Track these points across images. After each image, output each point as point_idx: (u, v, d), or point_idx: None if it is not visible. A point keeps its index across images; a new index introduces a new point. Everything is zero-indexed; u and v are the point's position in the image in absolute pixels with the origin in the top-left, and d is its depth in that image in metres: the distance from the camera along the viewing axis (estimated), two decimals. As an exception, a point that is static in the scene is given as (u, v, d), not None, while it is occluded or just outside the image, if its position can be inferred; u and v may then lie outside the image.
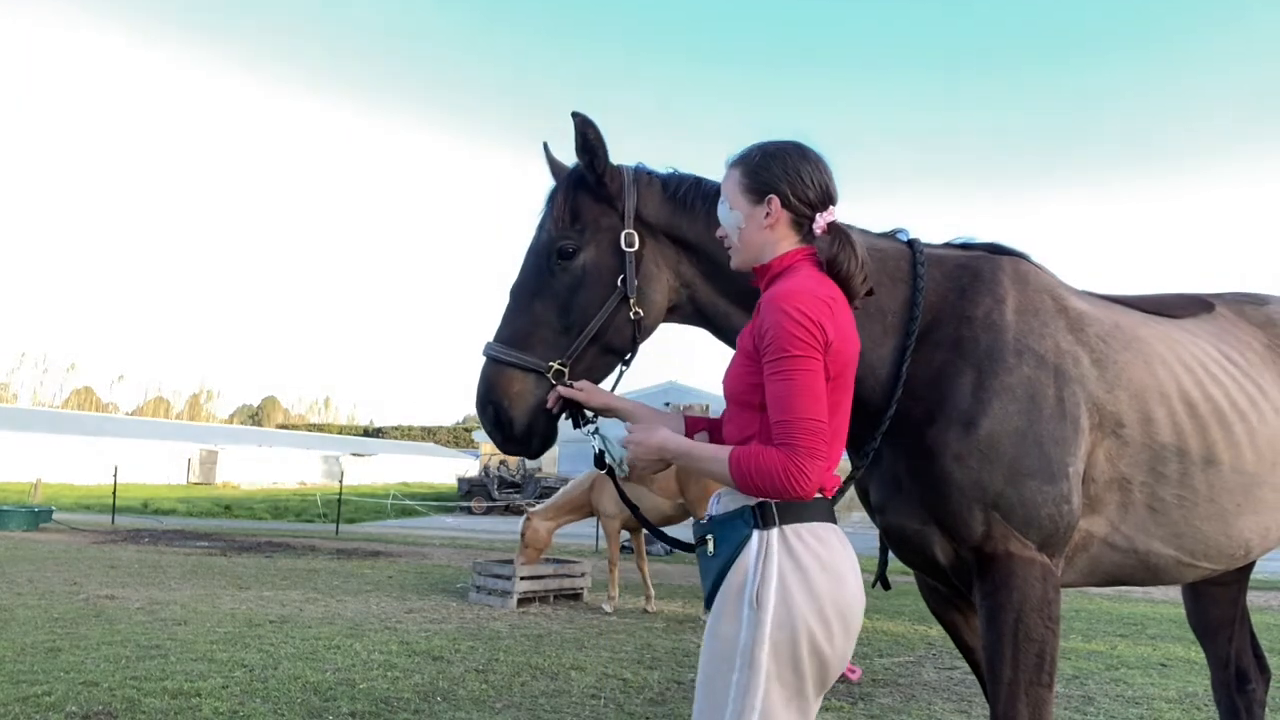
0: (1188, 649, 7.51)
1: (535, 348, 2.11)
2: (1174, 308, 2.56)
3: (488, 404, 2.12)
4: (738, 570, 1.67)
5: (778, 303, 1.68)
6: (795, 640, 1.61)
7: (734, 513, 1.73)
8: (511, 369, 2.10)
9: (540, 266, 2.17)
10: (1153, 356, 2.28)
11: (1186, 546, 2.27)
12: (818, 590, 1.63)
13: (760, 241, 1.84)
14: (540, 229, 2.21)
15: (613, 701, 5.15)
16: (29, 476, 31.94)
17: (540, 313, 2.13)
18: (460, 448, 78.31)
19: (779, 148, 1.86)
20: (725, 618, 1.66)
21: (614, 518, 8.95)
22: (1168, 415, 2.21)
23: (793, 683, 1.62)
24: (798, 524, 1.68)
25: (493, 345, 2.14)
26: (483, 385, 2.13)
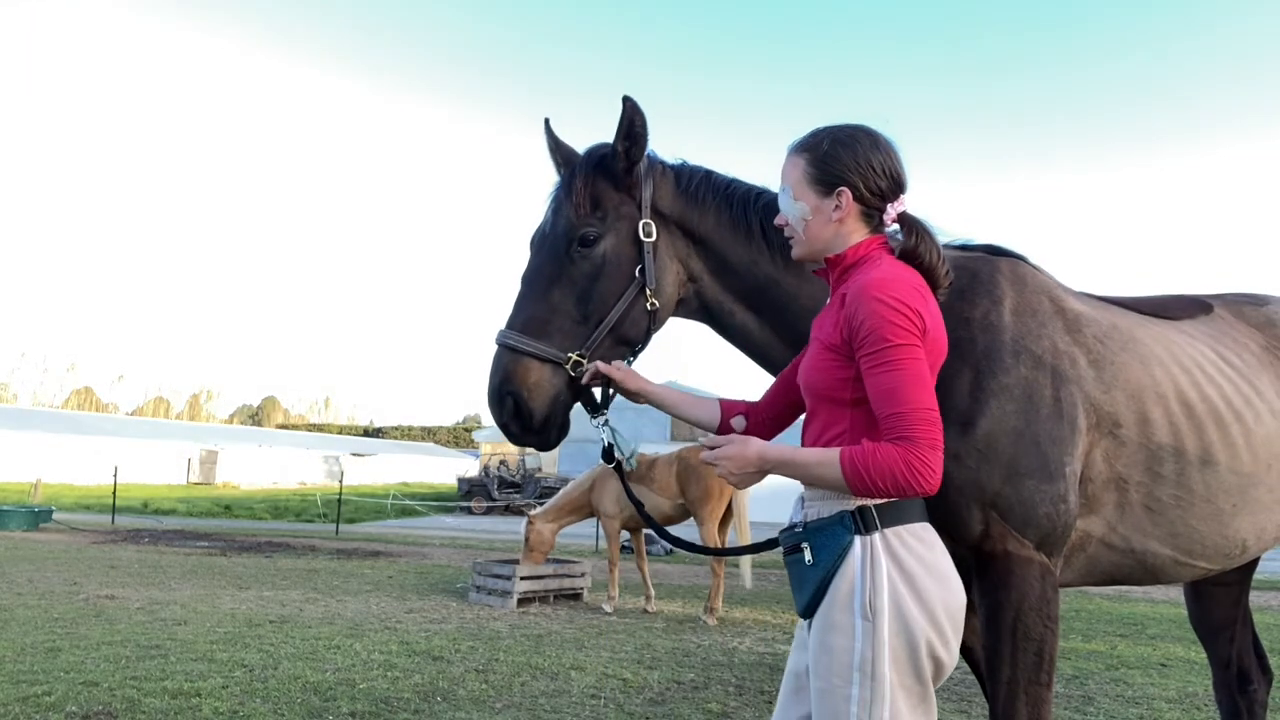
0: (1188, 649, 7.51)
1: (553, 336, 2.05)
2: (1172, 309, 2.57)
3: (505, 395, 2.04)
4: (844, 579, 1.61)
5: (872, 291, 1.61)
6: (914, 647, 1.57)
7: (831, 519, 1.65)
8: (529, 358, 2.04)
9: (558, 253, 2.11)
10: (1149, 357, 2.29)
11: (1183, 546, 2.28)
12: (928, 595, 1.59)
13: (829, 234, 1.79)
14: (556, 214, 2.15)
15: (613, 701, 5.15)
16: (29, 476, 31.96)
17: (558, 301, 2.08)
18: (460, 448, 78.32)
19: (850, 135, 1.78)
20: (835, 630, 1.60)
21: (614, 518, 8.95)
22: (1164, 416, 2.23)
23: (916, 689, 1.59)
24: (899, 526, 1.62)
25: (508, 333, 2.07)
26: (498, 375, 2.05)
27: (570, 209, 2.11)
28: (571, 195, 2.12)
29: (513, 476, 29.44)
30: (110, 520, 19.18)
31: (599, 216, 2.11)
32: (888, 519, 1.62)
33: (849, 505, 1.64)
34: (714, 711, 5.02)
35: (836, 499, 1.66)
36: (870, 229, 1.79)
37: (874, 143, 1.77)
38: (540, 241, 2.17)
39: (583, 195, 2.11)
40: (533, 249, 2.19)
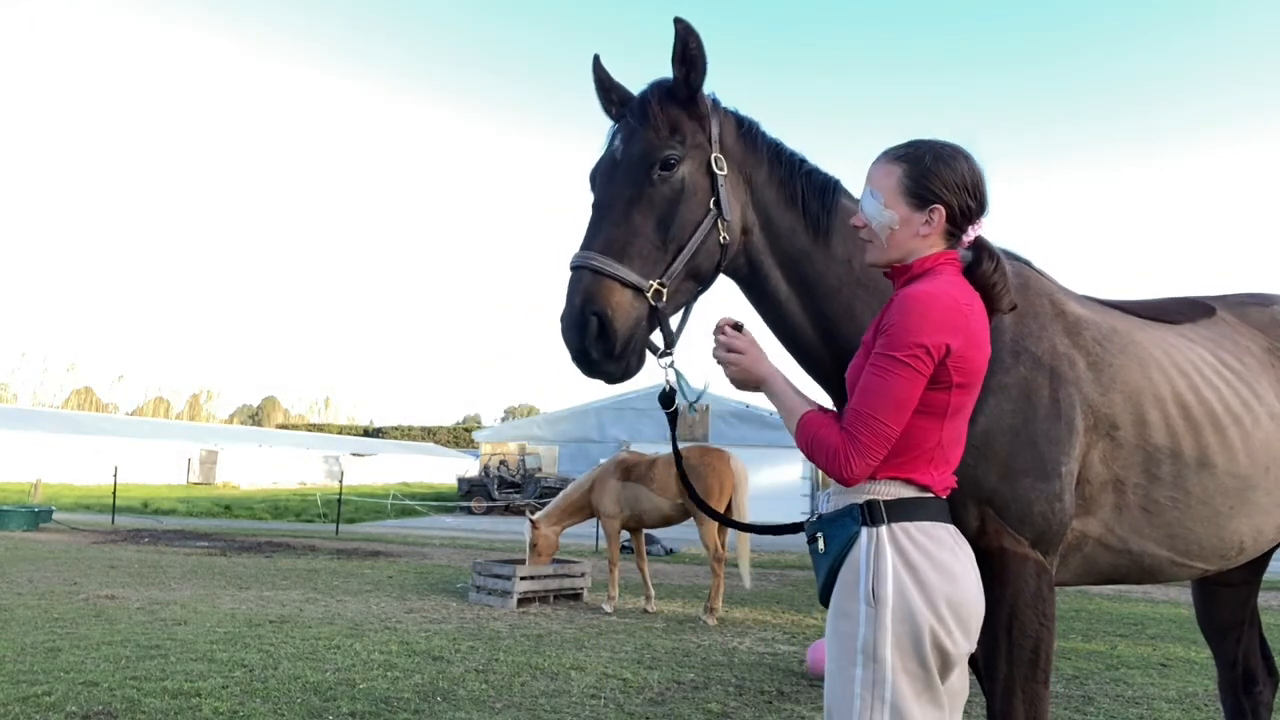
0: (1188, 649, 7.51)
1: (634, 260, 1.96)
2: (1172, 313, 2.59)
3: (589, 315, 1.90)
4: (850, 567, 1.70)
5: (910, 303, 1.67)
6: (918, 635, 1.63)
7: (842, 510, 1.75)
8: (612, 280, 1.93)
9: (638, 175, 2.01)
10: (1148, 360, 2.31)
11: (1180, 547, 2.30)
12: (931, 587, 1.65)
13: (911, 247, 1.81)
14: (630, 139, 2.06)
15: (613, 701, 5.15)
16: (29, 476, 31.94)
17: (639, 224, 1.99)
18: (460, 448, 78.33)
19: (951, 154, 1.80)
20: (843, 616, 1.70)
21: (614, 518, 8.95)
22: (1162, 418, 2.25)
23: (920, 675, 1.65)
24: (907, 522, 1.70)
25: (587, 254, 1.95)
26: (579, 296, 1.92)
27: (650, 132, 2.03)
28: (648, 118, 2.04)
29: (513, 476, 29.44)
30: (110, 520, 19.17)
31: (678, 140, 2.04)
32: (896, 514, 1.70)
33: (859, 499, 1.72)
34: (714, 711, 5.02)
35: (851, 494, 1.74)
36: (946, 245, 1.83)
37: (970, 165, 1.81)
38: (611, 168, 2.07)
39: (660, 119, 2.04)
40: (601, 178, 2.10)
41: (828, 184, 2.21)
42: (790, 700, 5.36)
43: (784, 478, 28.87)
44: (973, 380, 1.73)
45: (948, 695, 1.71)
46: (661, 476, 8.69)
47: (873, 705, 1.63)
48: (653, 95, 2.08)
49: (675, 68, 2.06)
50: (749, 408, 30.75)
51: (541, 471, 30.29)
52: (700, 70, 2.05)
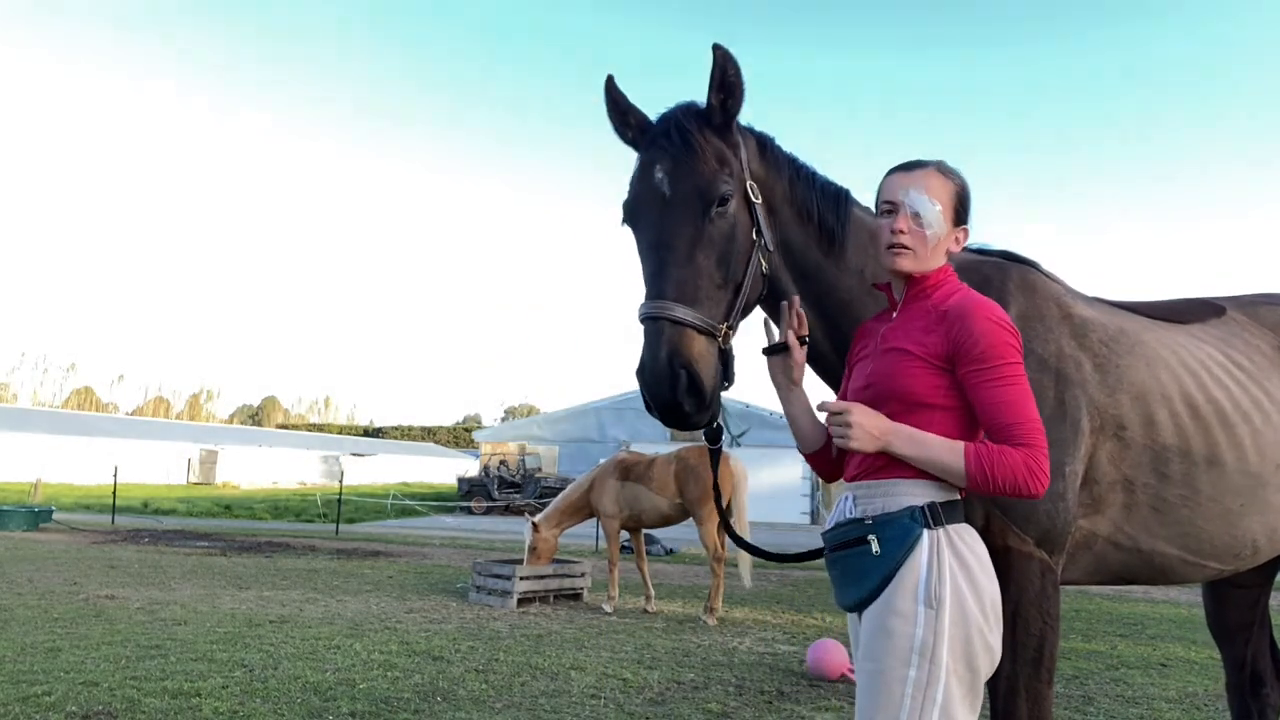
0: (1188, 649, 7.51)
1: (704, 304, 1.90)
2: (1181, 313, 2.61)
3: (678, 369, 1.84)
4: (911, 570, 1.70)
5: (984, 312, 1.76)
6: (970, 637, 1.67)
7: (901, 513, 1.75)
8: (691, 330, 1.87)
9: (696, 213, 1.93)
10: (1155, 360, 2.32)
11: (1191, 546, 2.31)
12: (981, 588, 1.71)
13: (938, 259, 1.90)
14: (677, 172, 1.96)
15: (613, 701, 5.15)
16: (29, 476, 31.95)
17: (703, 265, 1.92)
18: (460, 448, 78.33)
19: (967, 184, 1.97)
20: (897, 616, 1.69)
21: (613, 518, 8.96)
22: (1170, 417, 2.26)
23: (968, 678, 1.68)
24: (955, 524, 1.75)
25: (663, 303, 1.87)
26: (665, 348, 1.84)
27: (700, 164, 1.95)
28: (694, 149, 1.96)
29: (513, 476, 29.43)
30: (110, 520, 19.16)
31: (728, 174, 1.98)
32: (949, 516, 1.75)
33: (918, 501, 1.74)
34: (714, 711, 5.02)
35: (904, 495, 1.76)
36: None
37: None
38: (661, 204, 1.97)
39: (707, 150, 1.97)
40: (651, 215, 1.98)
41: (840, 195, 2.20)
42: (790, 700, 5.36)
43: (784, 478, 28.88)
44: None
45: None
46: (660, 476, 8.69)
47: (923, 706, 1.64)
48: (690, 123, 2.00)
49: (712, 94, 2.00)
50: (749, 408, 30.73)
51: (541, 471, 30.28)
52: (738, 98, 2.01)
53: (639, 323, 1.93)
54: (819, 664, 5.91)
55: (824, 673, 5.87)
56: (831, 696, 5.46)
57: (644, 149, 2.06)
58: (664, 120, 2.05)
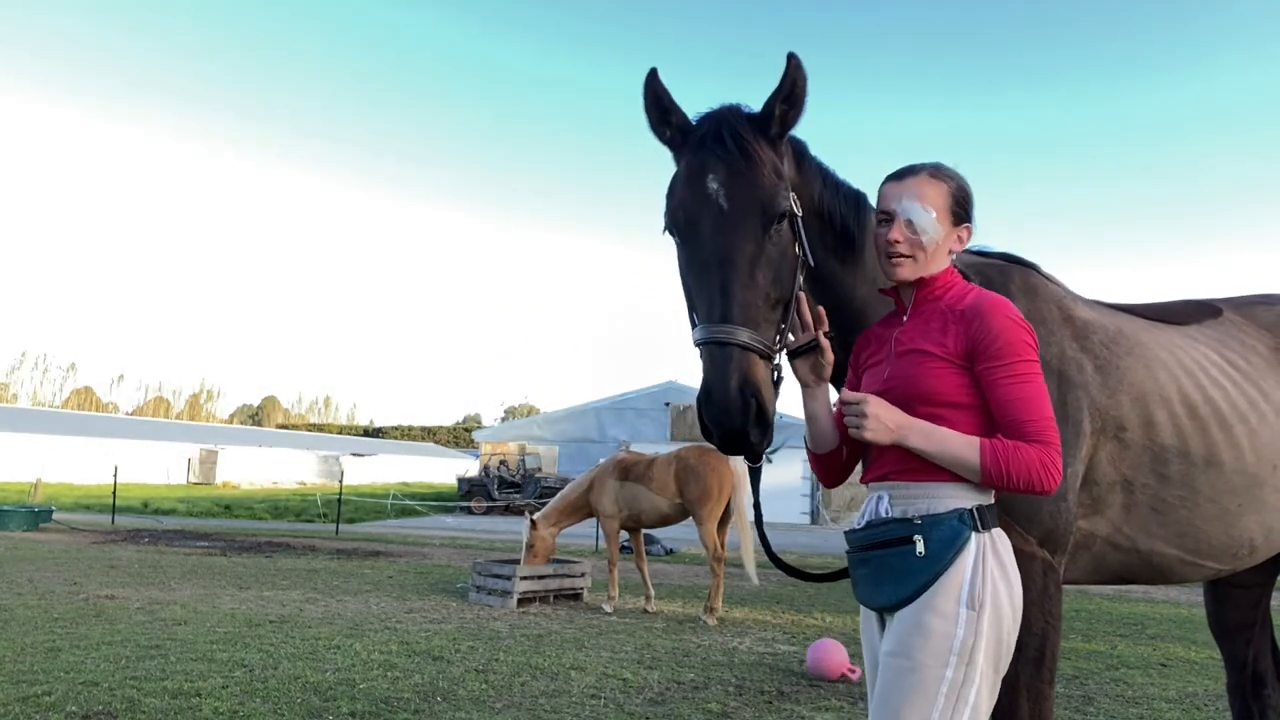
0: (1188, 649, 7.51)
1: (762, 327, 1.80)
2: (1178, 314, 2.63)
3: (749, 398, 1.73)
4: (956, 572, 1.70)
5: (1001, 310, 1.78)
6: (1001, 639, 1.71)
7: (949, 514, 1.75)
8: (756, 356, 1.77)
9: (756, 229, 1.82)
10: (1154, 361, 2.34)
11: (1189, 546, 2.32)
12: (1014, 590, 1.74)
13: (942, 262, 1.90)
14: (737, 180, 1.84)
15: (613, 701, 5.15)
16: (29, 476, 31.94)
17: (763, 285, 1.82)
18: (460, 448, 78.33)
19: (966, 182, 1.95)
20: (938, 615, 1.69)
21: (612, 518, 8.95)
22: (1169, 418, 2.27)
23: (993, 679, 1.71)
24: (995, 528, 1.77)
25: (729, 327, 1.75)
26: (735, 376, 1.73)
27: (760, 176, 1.84)
28: (752, 158, 1.85)
29: (513, 476, 29.42)
30: (110, 520, 19.16)
31: (785, 188, 1.88)
32: (990, 520, 1.77)
33: (967, 504, 1.75)
34: (714, 711, 5.02)
35: (950, 497, 1.76)
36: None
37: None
38: (718, 219, 1.83)
39: (766, 160, 1.86)
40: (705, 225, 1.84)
41: (859, 199, 2.15)
42: (790, 700, 5.36)
43: (784, 478, 28.86)
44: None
45: None
46: (660, 476, 8.69)
47: (956, 706, 1.66)
48: (745, 129, 1.88)
49: (777, 104, 1.89)
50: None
51: (541, 471, 30.27)
52: (800, 111, 1.91)
53: (697, 345, 1.80)
54: (819, 664, 5.91)
55: (824, 673, 5.87)
56: (831, 696, 5.46)
57: (692, 152, 1.91)
58: (712, 122, 1.91)
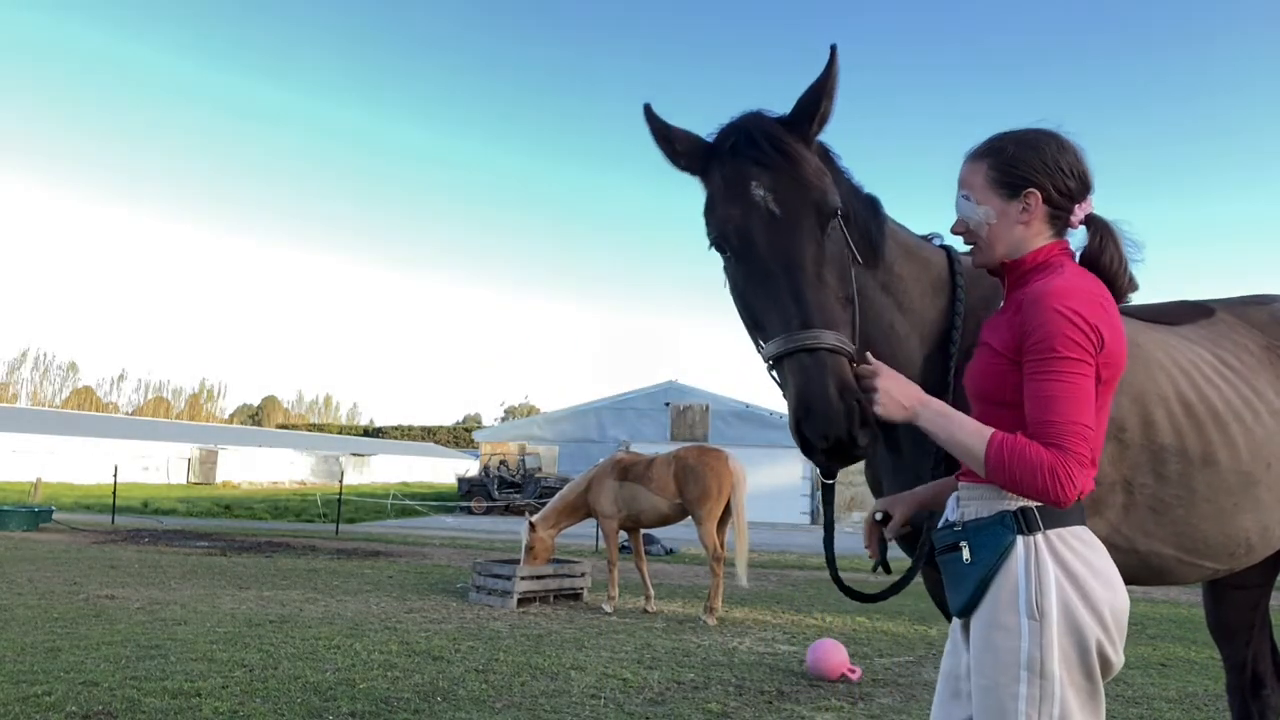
0: (1188, 649, 7.51)
1: (840, 328, 1.74)
2: (1172, 315, 2.63)
3: (852, 402, 1.66)
4: (1007, 579, 1.60)
5: (1050, 301, 1.60)
6: (1084, 648, 1.58)
7: (992, 518, 1.65)
8: (845, 359, 1.70)
9: (814, 227, 1.79)
10: (1151, 362, 2.33)
11: (1187, 545, 2.32)
12: (1095, 597, 1.60)
13: (1015, 238, 1.76)
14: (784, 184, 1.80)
15: (613, 701, 5.15)
16: (29, 476, 31.95)
17: (832, 284, 1.79)
18: (460, 448, 78.35)
19: (1035, 137, 1.77)
20: (1001, 630, 1.59)
21: (611, 518, 8.95)
22: (1167, 417, 2.27)
23: (1086, 687, 1.60)
24: (1061, 529, 1.62)
25: (815, 331, 1.69)
26: (835, 381, 1.65)
27: (808, 175, 1.82)
28: (796, 160, 1.82)
29: (513, 476, 29.43)
30: (110, 520, 19.16)
31: (829, 183, 1.85)
32: (1050, 521, 1.62)
33: (1010, 505, 1.63)
34: (714, 711, 5.02)
35: (997, 499, 1.65)
36: (1054, 233, 1.77)
37: (1059, 144, 1.76)
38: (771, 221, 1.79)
39: (808, 160, 1.83)
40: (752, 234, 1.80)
41: (874, 203, 2.13)
42: (790, 700, 5.36)
43: (784, 478, 28.87)
44: (1117, 373, 1.68)
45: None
46: (659, 476, 8.69)
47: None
48: (779, 132, 1.84)
49: (824, 100, 1.85)
50: (749, 407, 30.77)
51: (541, 471, 30.29)
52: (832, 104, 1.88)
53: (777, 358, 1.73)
54: (819, 664, 5.91)
55: (824, 673, 5.87)
56: (831, 696, 5.46)
57: (727, 164, 1.85)
58: (739, 131, 1.86)
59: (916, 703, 5.38)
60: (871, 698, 5.47)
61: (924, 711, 5.16)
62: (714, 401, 31.23)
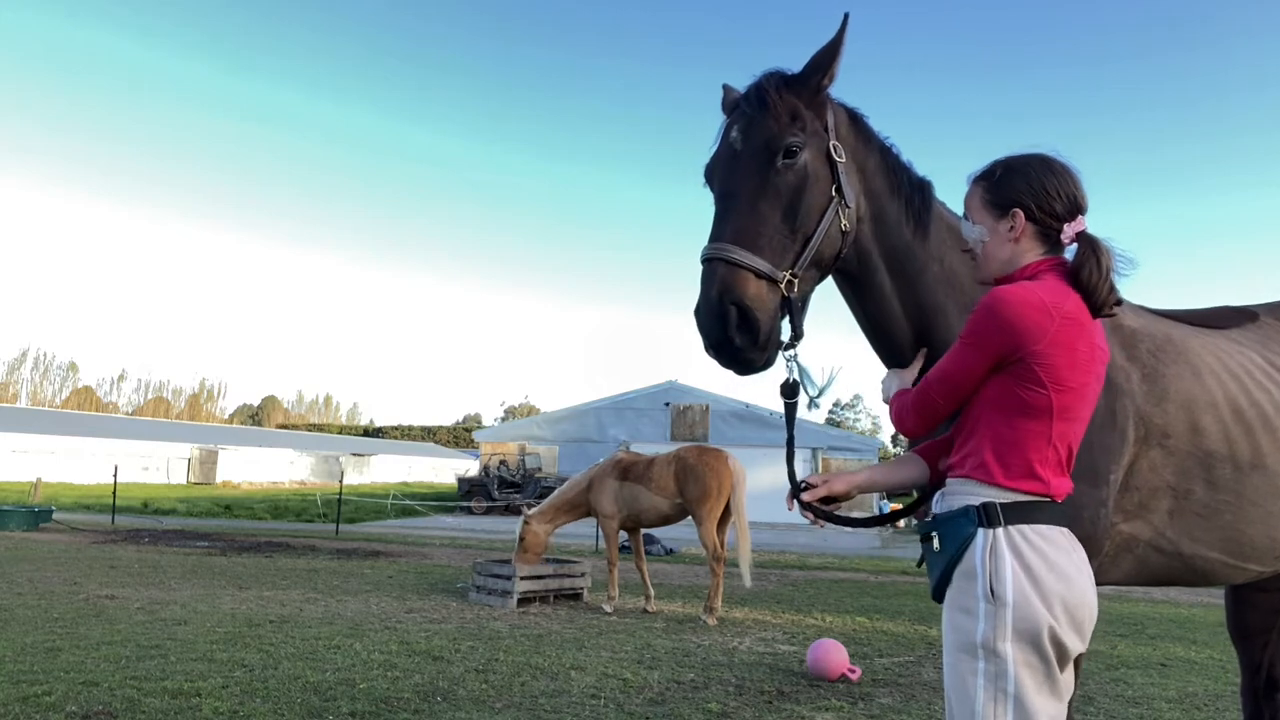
0: (1188, 649, 7.52)
1: (765, 251, 1.97)
2: (1220, 319, 2.66)
3: (727, 305, 1.92)
4: (967, 566, 1.75)
5: (988, 296, 1.77)
6: (1036, 632, 1.69)
7: (958, 512, 1.80)
8: (746, 271, 1.94)
9: (762, 163, 2.02)
10: (1201, 367, 2.37)
11: (1233, 550, 2.35)
12: (1047, 588, 1.71)
13: (1005, 255, 1.89)
14: (749, 130, 2.06)
15: (613, 701, 5.15)
16: (29, 476, 31.94)
17: (766, 213, 1.99)
18: (460, 448, 78.34)
19: (1023, 161, 1.90)
20: (961, 611, 1.75)
21: (611, 517, 8.94)
22: (1216, 423, 2.30)
23: (1041, 668, 1.70)
24: (1024, 525, 1.75)
25: (720, 245, 1.96)
26: (717, 286, 1.93)
27: (770, 120, 2.04)
28: (767, 106, 2.05)
29: (513, 476, 29.43)
30: (110, 520, 19.16)
31: (799, 127, 2.04)
32: (1013, 517, 1.75)
33: (974, 501, 1.78)
34: (714, 711, 5.02)
35: (966, 495, 1.81)
36: (1046, 249, 1.88)
37: (1047, 167, 1.88)
38: (732, 159, 2.08)
39: (780, 106, 2.04)
40: (721, 170, 2.11)
41: (924, 182, 2.28)
42: (790, 700, 5.36)
43: (784, 478, 28.66)
44: (1065, 383, 1.75)
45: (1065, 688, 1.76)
46: (660, 476, 8.68)
47: (995, 698, 1.69)
48: (769, 84, 2.08)
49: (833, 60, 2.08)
50: (749, 407, 30.76)
51: (541, 471, 30.28)
52: (837, 64, 2.09)
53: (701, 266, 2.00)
54: (819, 664, 5.91)
55: (824, 673, 5.87)
56: (831, 696, 5.46)
57: (730, 114, 2.15)
58: (749, 88, 2.13)
59: (916, 703, 5.38)
60: (871, 698, 5.47)
61: (924, 711, 5.17)
62: (714, 401, 31.22)
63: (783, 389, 2.08)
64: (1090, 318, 1.79)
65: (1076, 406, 1.78)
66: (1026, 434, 1.75)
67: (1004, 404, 1.76)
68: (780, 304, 1.99)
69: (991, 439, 1.77)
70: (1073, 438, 1.80)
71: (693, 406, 31.40)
